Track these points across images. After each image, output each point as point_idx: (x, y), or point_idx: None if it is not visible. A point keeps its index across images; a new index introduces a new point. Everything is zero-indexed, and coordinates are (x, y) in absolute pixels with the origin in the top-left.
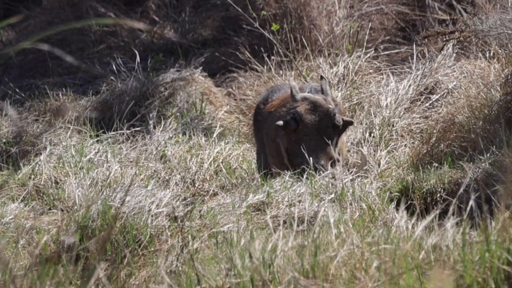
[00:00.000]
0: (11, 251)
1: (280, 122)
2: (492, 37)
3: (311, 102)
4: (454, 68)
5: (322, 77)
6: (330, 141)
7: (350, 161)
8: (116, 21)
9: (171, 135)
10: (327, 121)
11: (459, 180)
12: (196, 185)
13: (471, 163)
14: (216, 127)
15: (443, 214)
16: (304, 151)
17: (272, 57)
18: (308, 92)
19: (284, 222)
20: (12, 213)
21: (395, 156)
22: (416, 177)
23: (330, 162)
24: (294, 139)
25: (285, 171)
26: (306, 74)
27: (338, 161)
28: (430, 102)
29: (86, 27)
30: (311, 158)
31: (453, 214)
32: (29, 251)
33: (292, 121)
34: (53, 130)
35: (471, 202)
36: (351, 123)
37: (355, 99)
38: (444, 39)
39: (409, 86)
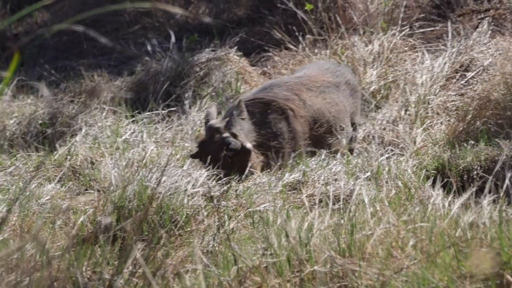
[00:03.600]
0: (48, 232)
1: (193, 153)
2: None
3: (210, 132)
4: (489, 45)
5: (240, 101)
6: (229, 167)
7: (386, 139)
8: (153, 5)
9: None
10: (221, 150)
11: (496, 158)
12: None
13: (508, 140)
14: None
15: (479, 192)
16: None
17: (307, 36)
18: (223, 116)
19: (320, 201)
20: (49, 194)
21: (431, 134)
22: (452, 155)
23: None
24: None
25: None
26: (341, 52)
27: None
28: (466, 79)
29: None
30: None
31: (489, 191)
32: (66, 232)
33: (198, 151)
34: (89, 111)
35: (508, 179)
36: (248, 151)
37: (390, 77)
38: (479, 17)
39: (444, 63)
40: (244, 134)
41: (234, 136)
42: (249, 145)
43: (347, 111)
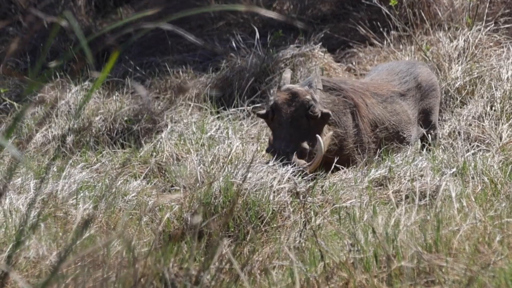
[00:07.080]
0: (134, 228)
1: (261, 111)
2: None
3: (290, 93)
4: None
5: (321, 70)
6: (303, 131)
7: (472, 135)
8: (248, 9)
9: None
10: (302, 111)
11: None
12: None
13: None
14: None
15: None
16: (275, 139)
17: (391, 32)
18: (301, 85)
19: (406, 196)
20: (135, 191)
21: None
22: None
23: (298, 151)
24: (272, 127)
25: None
26: (426, 48)
27: (307, 151)
28: None
29: (205, 4)
30: (279, 145)
31: None
32: (152, 228)
33: (270, 110)
34: (174, 108)
35: None
36: (328, 115)
37: (475, 73)
38: None
39: None
40: (319, 103)
41: (314, 101)
42: (327, 110)
43: (410, 119)
